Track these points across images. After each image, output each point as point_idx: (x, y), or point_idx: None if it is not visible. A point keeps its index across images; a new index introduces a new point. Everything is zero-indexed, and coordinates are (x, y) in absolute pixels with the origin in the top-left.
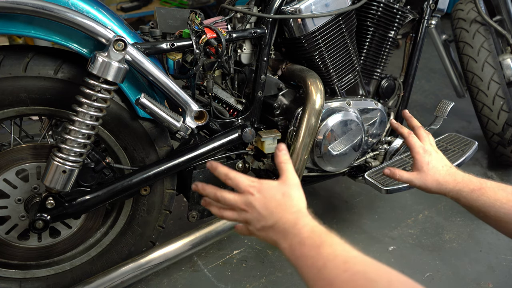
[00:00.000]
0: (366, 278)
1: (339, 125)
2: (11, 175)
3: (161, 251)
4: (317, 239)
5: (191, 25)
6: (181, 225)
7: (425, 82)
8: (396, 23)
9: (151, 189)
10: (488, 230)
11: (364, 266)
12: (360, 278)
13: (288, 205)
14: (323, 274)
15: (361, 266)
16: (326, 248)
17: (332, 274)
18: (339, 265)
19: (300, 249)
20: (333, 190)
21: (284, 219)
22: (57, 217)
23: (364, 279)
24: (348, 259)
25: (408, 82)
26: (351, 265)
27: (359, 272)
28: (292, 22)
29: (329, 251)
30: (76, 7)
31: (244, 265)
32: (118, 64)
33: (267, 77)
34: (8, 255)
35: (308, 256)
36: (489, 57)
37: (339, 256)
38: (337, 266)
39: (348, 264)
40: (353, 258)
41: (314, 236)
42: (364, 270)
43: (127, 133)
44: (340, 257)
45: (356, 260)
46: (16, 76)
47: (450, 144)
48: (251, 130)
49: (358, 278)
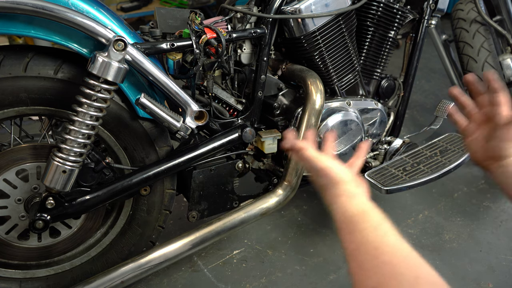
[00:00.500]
0: (394, 270)
1: (339, 125)
2: (11, 175)
3: (161, 251)
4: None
5: (191, 25)
6: (181, 225)
7: (425, 82)
8: (396, 23)
9: (151, 189)
10: (488, 230)
11: (393, 257)
12: (388, 269)
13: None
14: (355, 256)
15: (390, 257)
16: (358, 234)
17: (362, 258)
18: (370, 251)
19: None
20: None
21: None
22: (57, 217)
23: (392, 270)
24: (379, 246)
25: (408, 82)
26: (381, 253)
27: (387, 263)
28: (292, 22)
29: (361, 237)
30: (76, 7)
31: (244, 265)
32: (118, 64)
33: (267, 77)
34: (8, 255)
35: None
36: (489, 57)
37: (371, 243)
38: (368, 252)
39: (378, 250)
40: (385, 246)
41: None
42: (393, 262)
43: (127, 133)
44: (372, 244)
45: (387, 249)
46: (16, 76)
47: (450, 144)
48: (251, 130)
49: (386, 268)
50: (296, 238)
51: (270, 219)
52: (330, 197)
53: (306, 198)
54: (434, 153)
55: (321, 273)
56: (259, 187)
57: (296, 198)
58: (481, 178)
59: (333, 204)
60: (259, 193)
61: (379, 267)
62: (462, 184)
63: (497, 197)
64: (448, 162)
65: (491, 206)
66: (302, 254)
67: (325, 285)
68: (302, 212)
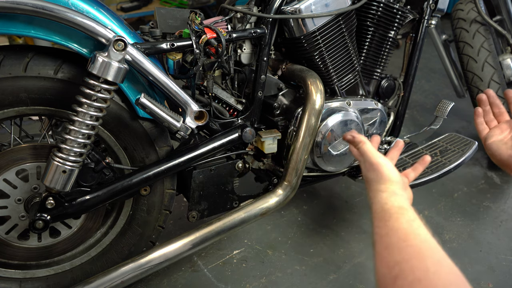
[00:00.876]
0: (418, 251)
1: (339, 125)
2: (11, 175)
3: (161, 251)
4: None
5: (191, 25)
6: (181, 225)
7: (425, 82)
8: (396, 23)
9: (151, 189)
10: (488, 230)
11: (421, 243)
12: (413, 250)
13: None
14: (384, 239)
15: (418, 242)
16: (392, 222)
17: (390, 241)
18: (400, 236)
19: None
20: (333, 190)
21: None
22: (57, 217)
23: (417, 251)
24: (409, 233)
25: (408, 82)
26: (410, 239)
27: (413, 246)
28: (292, 22)
29: (394, 224)
30: (76, 7)
31: (244, 265)
32: (118, 64)
33: (267, 77)
34: (8, 255)
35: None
36: (489, 57)
37: (402, 229)
38: (397, 236)
39: (408, 236)
40: (416, 235)
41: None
42: (419, 246)
43: (127, 133)
44: (403, 230)
45: (416, 237)
46: (16, 76)
47: (450, 144)
48: (251, 130)
49: (411, 249)
50: (296, 238)
51: (270, 219)
52: (373, 190)
53: (306, 198)
54: (434, 153)
55: (321, 273)
56: (259, 187)
57: (296, 198)
58: (481, 178)
59: (374, 197)
60: (259, 193)
61: (406, 247)
62: (462, 184)
63: (497, 197)
64: (448, 162)
65: (491, 206)
66: (302, 254)
67: (325, 285)
68: (302, 212)
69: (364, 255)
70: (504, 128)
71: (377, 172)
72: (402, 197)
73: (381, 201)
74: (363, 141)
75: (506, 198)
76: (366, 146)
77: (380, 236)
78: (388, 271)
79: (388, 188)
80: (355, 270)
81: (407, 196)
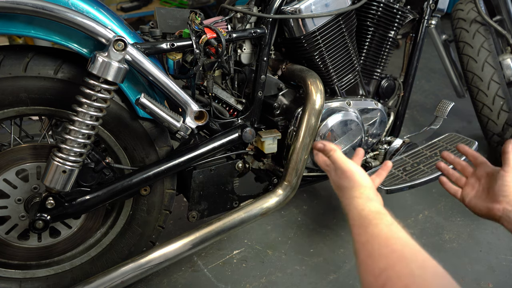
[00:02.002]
0: (402, 256)
1: (339, 125)
2: (11, 175)
3: (161, 251)
4: (366, 221)
5: (191, 25)
6: (181, 225)
7: (425, 82)
8: (396, 23)
9: (151, 189)
10: (488, 230)
11: (403, 247)
12: (397, 255)
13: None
14: (366, 247)
15: (400, 246)
16: (372, 228)
17: (372, 248)
18: (381, 242)
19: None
20: (333, 190)
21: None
22: (57, 217)
23: (400, 255)
24: (390, 238)
25: (408, 82)
26: (392, 243)
27: (396, 250)
28: (292, 22)
29: (374, 230)
30: (76, 7)
31: (244, 265)
32: (118, 64)
33: (267, 77)
34: (8, 255)
35: (355, 232)
36: (489, 57)
37: (382, 235)
38: (379, 242)
39: (389, 241)
40: (396, 239)
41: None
42: (402, 250)
43: (127, 133)
44: (384, 236)
45: (397, 241)
46: (16, 76)
47: (450, 144)
48: (251, 130)
49: (395, 254)
50: (296, 238)
51: (270, 219)
52: (348, 197)
53: (306, 198)
54: (434, 153)
55: (321, 273)
56: (259, 187)
57: (296, 198)
58: None
59: (350, 204)
60: (259, 193)
61: (389, 254)
62: None
63: None
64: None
65: None
66: (302, 254)
67: (325, 285)
68: (302, 212)
69: None
70: (473, 183)
71: (349, 179)
72: (377, 202)
73: (358, 208)
74: (334, 149)
75: None
76: (337, 153)
77: (361, 243)
78: (375, 279)
79: (362, 193)
80: (355, 270)
81: (379, 198)
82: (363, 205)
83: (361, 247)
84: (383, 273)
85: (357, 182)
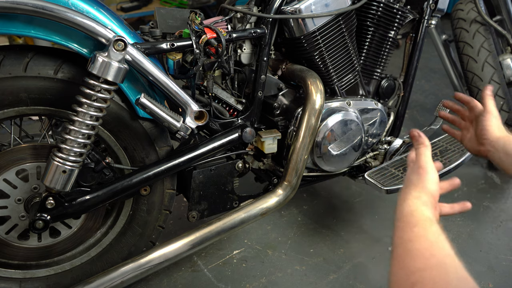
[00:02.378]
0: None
1: (339, 125)
2: (11, 175)
3: (161, 251)
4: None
5: (191, 25)
6: (181, 225)
7: (425, 82)
8: (396, 23)
9: (151, 189)
10: (488, 230)
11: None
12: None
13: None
14: (407, 244)
15: (443, 255)
16: (418, 229)
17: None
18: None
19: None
20: (333, 190)
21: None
22: (57, 217)
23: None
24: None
25: (408, 82)
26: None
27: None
28: (292, 22)
29: (420, 231)
30: (76, 7)
31: (244, 265)
32: (118, 64)
33: (267, 77)
34: (8, 255)
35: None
36: (489, 57)
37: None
38: (422, 243)
39: (433, 246)
40: (441, 248)
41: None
42: (444, 258)
43: (127, 133)
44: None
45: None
46: (16, 76)
47: (450, 144)
48: (251, 130)
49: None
50: (296, 238)
51: (270, 219)
52: (407, 193)
53: (306, 198)
54: (434, 153)
55: (321, 273)
56: (259, 187)
57: (296, 198)
58: (481, 178)
59: (405, 200)
60: (259, 193)
61: (429, 257)
62: (462, 184)
63: (497, 197)
64: (448, 162)
65: (491, 206)
66: (302, 254)
67: (325, 285)
68: (302, 212)
69: (364, 255)
70: (468, 126)
71: (419, 176)
72: (432, 213)
73: (412, 206)
74: (425, 145)
75: (506, 198)
76: (425, 150)
77: (403, 240)
78: (407, 276)
79: (422, 197)
80: (355, 270)
81: (435, 212)
82: (418, 205)
83: (401, 243)
84: (417, 273)
85: (423, 183)
